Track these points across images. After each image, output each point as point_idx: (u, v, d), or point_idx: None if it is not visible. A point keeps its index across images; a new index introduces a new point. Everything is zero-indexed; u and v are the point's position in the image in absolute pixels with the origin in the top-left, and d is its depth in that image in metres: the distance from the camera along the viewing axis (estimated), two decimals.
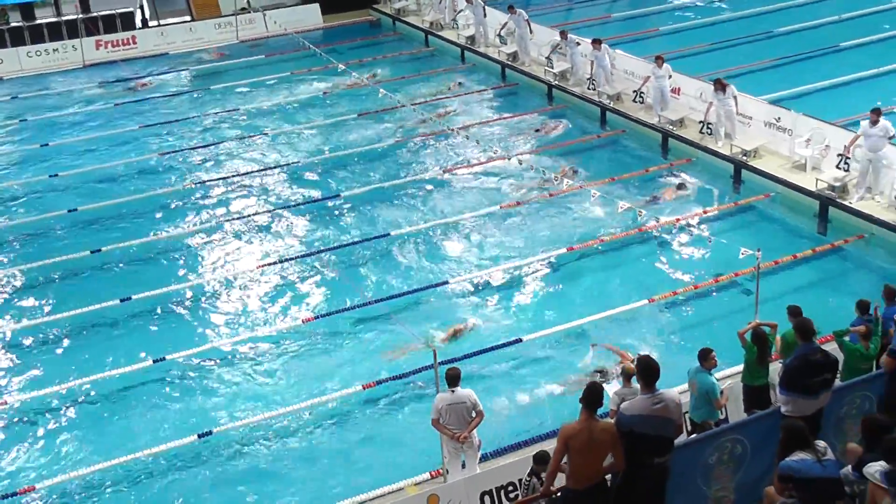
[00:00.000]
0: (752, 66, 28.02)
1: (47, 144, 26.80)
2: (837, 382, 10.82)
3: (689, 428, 12.35)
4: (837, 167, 19.78)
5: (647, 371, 9.49)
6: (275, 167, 24.38)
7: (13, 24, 34.99)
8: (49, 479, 13.70)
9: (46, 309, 18.28)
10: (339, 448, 14.27)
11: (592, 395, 9.36)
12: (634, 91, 25.51)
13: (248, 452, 14.28)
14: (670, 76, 24.26)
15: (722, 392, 12.51)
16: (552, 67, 28.22)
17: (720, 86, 22.32)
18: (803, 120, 21.30)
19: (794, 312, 12.54)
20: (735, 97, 22.36)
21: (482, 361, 15.81)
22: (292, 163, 24.52)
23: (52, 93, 31.95)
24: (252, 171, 24.20)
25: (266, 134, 26.62)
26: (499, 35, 30.91)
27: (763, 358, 12.66)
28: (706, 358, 12.36)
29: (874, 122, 18.94)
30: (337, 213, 21.69)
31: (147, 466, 13.98)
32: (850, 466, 9.43)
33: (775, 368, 12.72)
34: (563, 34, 27.97)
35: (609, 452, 9.42)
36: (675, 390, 10.26)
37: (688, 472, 9.97)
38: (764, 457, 10.12)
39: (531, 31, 29.46)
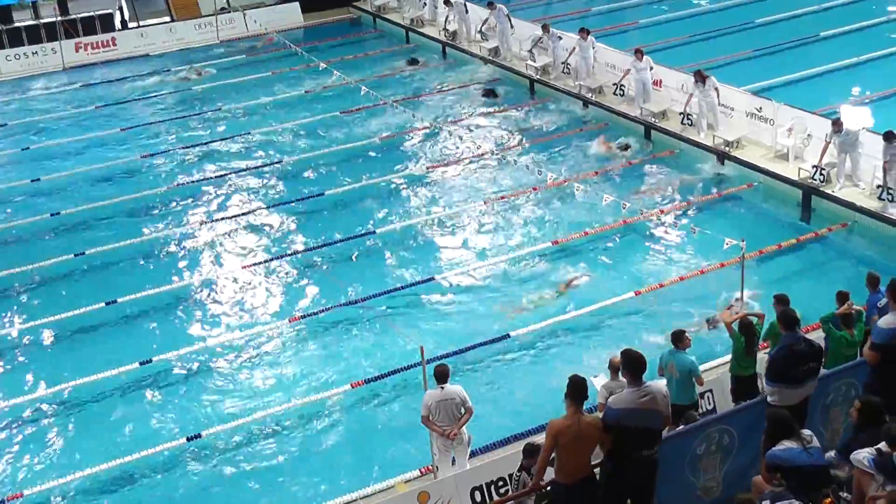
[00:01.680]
0: (733, 57, 28.12)
1: (28, 148, 26.65)
2: (823, 370, 10.87)
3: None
4: (812, 178, 19.83)
5: (633, 364, 9.53)
6: (259, 167, 24.32)
7: None
8: (36, 486, 13.63)
9: (30, 313, 18.17)
10: (329, 447, 14.25)
11: (577, 389, 9.38)
12: (615, 84, 25.57)
13: (236, 454, 14.23)
14: (651, 68, 24.29)
15: None
16: (534, 62, 28.26)
17: (700, 77, 22.41)
18: (785, 109, 21.36)
19: (782, 300, 12.56)
20: (717, 88, 22.42)
21: (471, 357, 15.83)
22: (276, 162, 24.46)
23: (32, 96, 31.76)
24: (236, 172, 24.13)
25: (249, 133, 26.52)
26: (480, 31, 30.94)
27: (751, 348, 12.69)
28: (681, 339, 12.40)
29: (838, 132, 19.13)
30: (321, 211, 21.63)
31: (135, 470, 13.92)
32: (833, 452, 9.48)
33: (763, 358, 12.77)
34: (545, 28, 28.01)
35: (596, 445, 9.46)
36: (663, 382, 10.30)
37: (676, 462, 10.00)
38: (752, 446, 10.16)
39: (512, 26, 29.50)
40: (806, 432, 9.07)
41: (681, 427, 10.75)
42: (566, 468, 9.42)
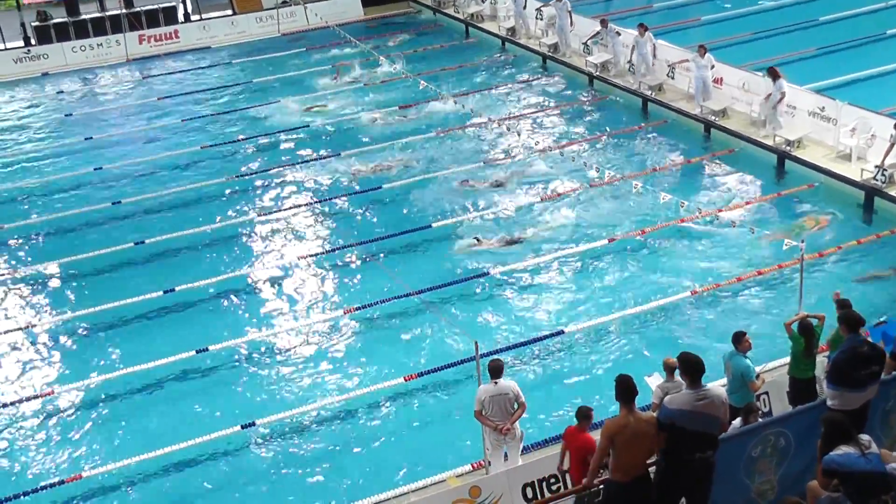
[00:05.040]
0: (796, 55, 27.68)
1: (91, 138, 27.13)
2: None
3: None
4: (875, 178, 19.51)
5: (690, 366, 9.44)
6: (316, 159, 24.48)
7: (58, 20, 35.43)
8: (94, 469, 13.90)
9: (90, 300, 18.47)
10: (381, 439, 14.32)
11: (625, 389, 9.36)
12: (669, 66, 25.38)
13: (289, 443, 14.38)
14: (713, 66, 24.01)
15: (758, 376, 12.40)
16: (590, 54, 28.13)
17: (774, 75, 21.99)
18: (848, 109, 21.02)
19: (843, 305, 12.35)
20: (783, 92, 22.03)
21: (524, 353, 15.81)
22: (334, 155, 24.60)
23: (96, 87, 32.38)
24: (294, 163, 24.34)
25: (307, 126, 26.73)
26: (538, 10, 30.83)
27: (810, 350, 12.50)
28: (740, 341, 12.28)
29: None
30: (378, 204, 21.72)
31: (190, 456, 14.11)
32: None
33: (822, 361, 12.59)
34: (604, 22, 27.86)
35: (652, 443, 9.42)
36: (722, 387, 10.20)
37: (731, 464, 9.91)
38: (808, 450, 10.03)
39: (572, 23, 29.34)
40: (864, 437, 8.89)
41: (736, 422, 10.65)
42: (623, 466, 9.39)
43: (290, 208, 21.82)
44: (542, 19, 31.02)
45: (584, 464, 10.78)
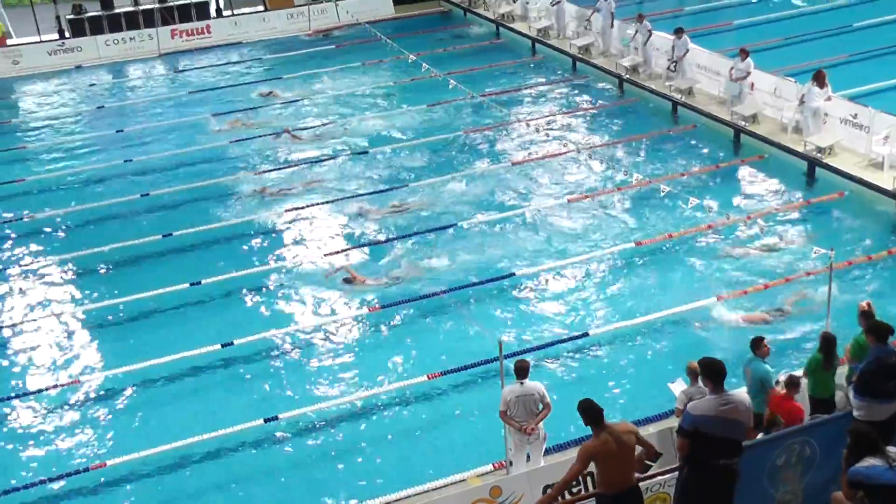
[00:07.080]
0: (829, 61, 27.38)
1: (122, 130, 27.35)
2: None
3: None
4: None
5: (713, 371, 9.41)
6: (344, 156, 24.53)
7: (92, 14, 35.70)
8: (118, 458, 13.96)
9: (117, 291, 18.60)
10: (403, 437, 14.33)
11: (592, 413, 9.47)
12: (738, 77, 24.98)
13: (311, 439, 14.41)
14: (749, 72, 23.83)
15: (778, 382, 12.27)
16: (624, 56, 28.03)
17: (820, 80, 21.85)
18: (881, 117, 20.82)
19: (868, 315, 12.20)
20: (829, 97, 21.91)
21: (549, 355, 15.78)
22: (361, 152, 24.66)
23: (128, 80, 32.63)
24: (321, 160, 24.41)
25: (335, 123, 26.79)
26: (588, 20, 30.58)
27: (830, 362, 12.25)
28: (758, 346, 12.12)
29: None
30: (404, 202, 21.71)
31: (213, 448, 14.18)
32: None
33: (842, 372, 12.43)
34: (640, 17, 27.75)
35: (636, 447, 9.48)
36: (746, 393, 10.15)
37: (754, 473, 9.85)
38: (833, 460, 9.95)
39: (612, 25, 29.25)
40: (892, 450, 8.81)
41: (761, 437, 10.58)
42: (613, 481, 9.42)
43: (317, 204, 21.83)
44: (576, 18, 30.85)
45: None
